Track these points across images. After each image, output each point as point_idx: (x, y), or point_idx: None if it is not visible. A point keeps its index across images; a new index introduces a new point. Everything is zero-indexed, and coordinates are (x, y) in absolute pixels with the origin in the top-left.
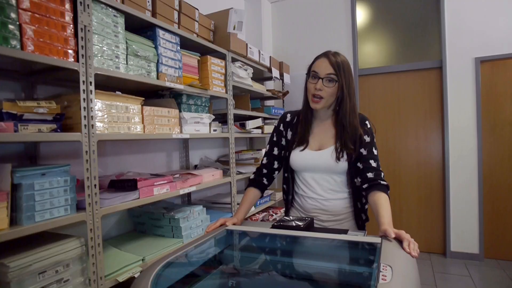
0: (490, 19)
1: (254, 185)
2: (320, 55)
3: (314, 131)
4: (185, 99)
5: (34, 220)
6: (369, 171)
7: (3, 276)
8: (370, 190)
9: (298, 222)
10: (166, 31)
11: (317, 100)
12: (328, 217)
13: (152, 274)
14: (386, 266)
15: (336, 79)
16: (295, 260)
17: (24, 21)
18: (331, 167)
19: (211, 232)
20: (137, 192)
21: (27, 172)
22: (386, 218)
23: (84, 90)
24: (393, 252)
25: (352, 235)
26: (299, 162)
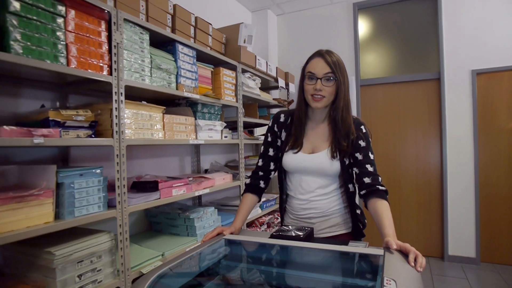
0: (486, 34)
1: (251, 191)
2: (314, 55)
3: (308, 133)
4: (200, 107)
5: (74, 215)
6: (365, 176)
7: (49, 263)
8: (369, 197)
9: (298, 232)
10: (184, 45)
11: (318, 99)
12: (315, 214)
13: (146, 284)
14: (390, 280)
15: (334, 78)
16: (294, 271)
17: (69, 41)
18: (323, 169)
19: (207, 242)
20: (158, 192)
21: (69, 173)
22: (389, 229)
23: (116, 100)
24: (396, 265)
25: (353, 247)
26: (292, 164)
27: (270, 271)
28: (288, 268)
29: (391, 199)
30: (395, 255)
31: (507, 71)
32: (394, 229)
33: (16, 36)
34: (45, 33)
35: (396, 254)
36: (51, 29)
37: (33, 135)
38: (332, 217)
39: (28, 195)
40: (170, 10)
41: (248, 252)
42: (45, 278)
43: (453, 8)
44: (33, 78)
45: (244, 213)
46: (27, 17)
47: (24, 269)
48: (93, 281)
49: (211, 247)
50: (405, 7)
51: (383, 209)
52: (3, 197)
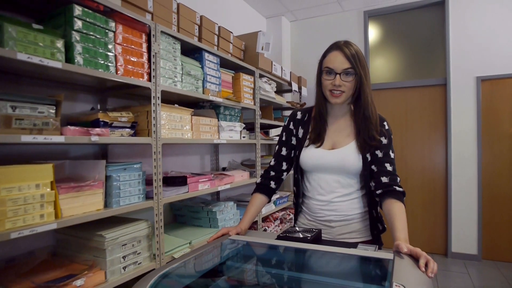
0: (491, 42)
1: (261, 191)
2: (331, 47)
3: (328, 128)
4: (222, 110)
5: (119, 204)
6: (383, 175)
7: (101, 245)
8: (384, 197)
9: (305, 233)
10: (210, 53)
11: (337, 95)
12: (336, 217)
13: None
14: (399, 286)
15: (354, 72)
16: (300, 274)
17: (118, 52)
18: (344, 165)
19: (213, 242)
20: (186, 187)
21: (115, 167)
22: (401, 232)
23: (154, 103)
24: (406, 270)
25: (362, 250)
26: (311, 161)
27: (275, 273)
28: (293, 271)
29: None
30: (406, 259)
31: (509, 78)
32: (407, 233)
33: (78, 49)
34: (99, 46)
35: (406, 258)
36: (104, 42)
37: (91, 134)
38: (353, 222)
39: (85, 185)
40: (197, 21)
41: (253, 253)
42: (96, 258)
43: (460, 16)
44: (83, 84)
45: (252, 214)
46: (87, 33)
47: (75, 250)
48: (134, 263)
49: (216, 247)
50: (413, 15)
51: (398, 212)
52: (65, 186)
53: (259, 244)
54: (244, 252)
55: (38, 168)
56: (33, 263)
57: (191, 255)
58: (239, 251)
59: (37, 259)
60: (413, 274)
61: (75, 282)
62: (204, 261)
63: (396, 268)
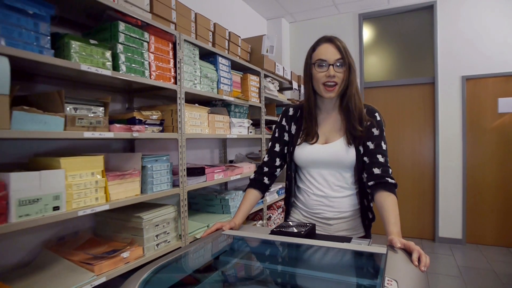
0: (475, 44)
1: (255, 186)
2: (320, 40)
3: (320, 123)
4: (233, 108)
5: (153, 190)
6: (375, 166)
7: (138, 225)
8: (376, 188)
9: (299, 228)
10: (223, 57)
11: (331, 89)
12: (334, 214)
13: (140, 280)
14: (391, 281)
15: (345, 63)
16: (293, 269)
17: (151, 60)
18: (339, 159)
19: (206, 237)
20: (204, 176)
21: (149, 159)
22: (394, 226)
23: (179, 103)
24: (399, 265)
25: (355, 244)
26: (305, 157)
27: (268, 267)
28: (287, 265)
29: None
30: (399, 254)
31: (491, 77)
32: (399, 227)
33: (122, 59)
34: (137, 55)
35: (399, 253)
36: (140, 52)
37: (132, 130)
38: (350, 219)
39: (127, 174)
40: (211, 28)
41: (247, 248)
42: (134, 236)
43: (447, 20)
44: (117, 86)
45: (246, 209)
46: (128, 44)
47: (114, 230)
48: (164, 241)
49: (210, 242)
50: (404, 18)
51: (390, 205)
52: (112, 174)
53: (253, 239)
54: (238, 246)
55: (92, 159)
56: (81, 241)
57: (185, 250)
58: (234, 245)
59: (82, 237)
60: (405, 269)
61: (122, 254)
62: (198, 256)
63: (389, 262)
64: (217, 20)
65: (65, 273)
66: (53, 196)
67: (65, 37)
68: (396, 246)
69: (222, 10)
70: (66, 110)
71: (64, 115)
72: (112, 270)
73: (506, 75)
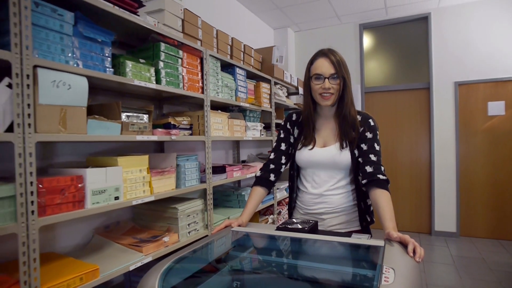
0: (467, 53)
1: (260, 184)
2: (318, 55)
3: (318, 129)
4: (248, 113)
5: (185, 185)
6: (367, 164)
7: (174, 215)
8: (370, 186)
9: (303, 224)
10: (239, 68)
11: (327, 97)
12: (326, 209)
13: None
14: (388, 269)
15: (340, 76)
16: (298, 261)
17: (184, 73)
18: (335, 161)
19: (216, 233)
20: (225, 174)
21: (181, 158)
22: (389, 221)
23: (206, 110)
24: (396, 256)
25: (355, 238)
26: (305, 158)
27: (275, 261)
28: (292, 258)
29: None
30: (395, 246)
31: (481, 83)
32: (395, 221)
33: (163, 74)
34: (174, 70)
35: (396, 245)
36: (176, 67)
37: (171, 134)
38: (342, 214)
39: (165, 171)
40: (229, 42)
41: (256, 243)
42: (170, 225)
43: (440, 30)
44: (151, 95)
45: (252, 207)
46: (167, 61)
47: (150, 220)
48: (194, 229)
49: (221, 238)
50: (401, 28)
51: (384, 201)
52: (154, 171)
53: (261, 235)
54: (248, 241)
55: (139, 158)
56: (124, 229)
57: (199, 245)
58: (244, 241)
59: (124, 226)
60: (402, 259)
61: (163, 239)
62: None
63: (387, 253)
64: (228, 30)
65: (118, 254)
66: (115, 188)
67: (121, 58)
68: (392, 238)
69: (232, 21)
70: (122, 118)
71: (121, 121)
72: (156, 251)
73: (495, 81)
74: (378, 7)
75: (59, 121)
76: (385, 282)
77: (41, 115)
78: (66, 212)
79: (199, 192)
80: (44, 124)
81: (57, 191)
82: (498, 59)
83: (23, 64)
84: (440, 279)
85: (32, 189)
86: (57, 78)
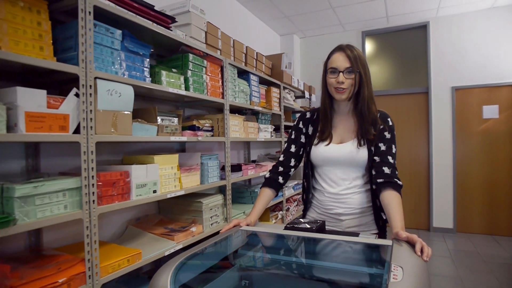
0: (463, 60)
1: (269, 185)
2: (335, 50)
3: (335, 125)
4: (260, 115)
5: (208, 182)
6: (385, 165)
7: (199, 208)
8: (385, 187)
9: (311, 224)
10: (253, 74)
11: (342, 91)
12: (345, 210)
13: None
14: (397, 267)
15: (354, 70)
16: (306, 260)
17: (208, 80)
18: (352, 158)
19: (225, 232)
20: (241, 172)
21: (205, 157)
22: (398, 221)
23: (225, 113)
24: (404, 254)
25: (363, 238)
26: (321, 155)
27: (283, 260)
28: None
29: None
30: (403, 245)
31: (476, 88)
32: (403, 223)
33: (191, 81)
34: (199, 78)
35: (404, 244)
36: (201, 75)
37: (197, 135)
38: (361, 216)
39: (192, 168)
40: (244, 51)
41: (265, 242)
42: (195, 217)
43: (438, 38)
44: (173, 99)
45: (260, 207)
46: (194, 70)
47: (176, 213)
48: (216, 222)
49: (231, 236)
50: (402, 36)
51: (396, 203)
52: (183, 168)
53: (269, 234)
54: (256, 240)
55: (171, 156)
56: (153, 221)
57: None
58: (253, 240)
59: (153, 219)
60: (410, 257)
61: (191, 229)
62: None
63: (395, 252)
64: (239, 37)
65: (152, 242)
66: (153, 182)
67: (156, 68)
68: (401, 237)
69: (243, 28)
70: (158, 121)
71: (157, 124)
72: (185, 240)
73: (489, 86)
74: (380, 16)
75: (112, 124)
76: (394, 280)
77: (99, 119)
78: (117, 202)
79: (215, 189)
80: (101, 126)
81: (110, 184)
82: (492, 65)
83: (87, 76)
84: (438, 269)
85: (93, 181)
86: (111, 87)
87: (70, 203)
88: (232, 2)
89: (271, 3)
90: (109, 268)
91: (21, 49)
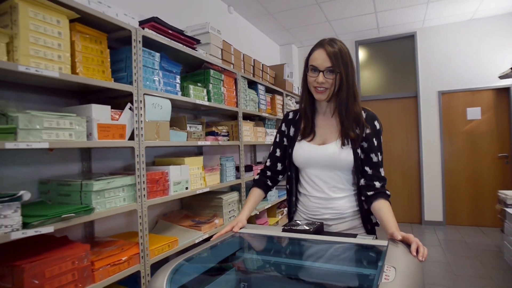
0: (448, 66)
1: (259, 186)
2: (317, 45)
3: (317, 125)
4: (267, 121)
5: (226, 180)
6: (377, 180)
7: (219, 203)
8: (376, 198)
9: (308, 226)
10: (261, 84)
11: (321, 91)
12: (333, 215)
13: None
14: (390, 267)
15: (336, 70)
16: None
17: (224, 92)
18: (335, 160)
19: (221, 236)
20: (253, 172)
21: (223, 159)
22: (392, 222)
23: (239, 120)
24: (398, 254)
25: (360, 239)
26: (303, 156)
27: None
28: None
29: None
30: (399, 246)
31: (461, 92)
32: (396, 223)
33: (212, 93)
34: (218, 89)
35: (400, 245)
36: (219, 87)
37: (218, 140)
38: (348, 220)
39: (213, 169)
40: (252, 63)
41: (261, 245)
42: (215, 212)
43: (425, 46)
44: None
45: (251, 207)
46: (214, 83)
47: (198, 209)
48: (233, 215)
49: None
50: (392, 44)
51: (387, 208)
52: (207, 169)
53: (267, 236)
54: (254, 243)
55: (197, 158)
56: (179, 216)
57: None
58: (250, 242)
59: (178, 214)
60: (404, 257)
61: (215, 221)
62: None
63: (390, 253)
64: (242, 47)
65: (182, 233)
66: (185, 180)
67: (184, 83)
68: (397, 238)
69: (246, 39)
70: (187, 128)
71: (187, 131)
72: (210, 230)
73: (472, 90)
74: (371, 27)
75: (156, 132)
76: (385, 280)
77: (147, 128)
78: (160, 197)
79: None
80: (148, 134)
81: (155, 181)
82: (474, 71)
83: (138, 93)
84: (429, 257)
85: (143, 179)
86: (155, 101)
87: (127, 196)
88: (237, 17)
89: (272, 17)
90: (155, 251)
91: (90, 74)
